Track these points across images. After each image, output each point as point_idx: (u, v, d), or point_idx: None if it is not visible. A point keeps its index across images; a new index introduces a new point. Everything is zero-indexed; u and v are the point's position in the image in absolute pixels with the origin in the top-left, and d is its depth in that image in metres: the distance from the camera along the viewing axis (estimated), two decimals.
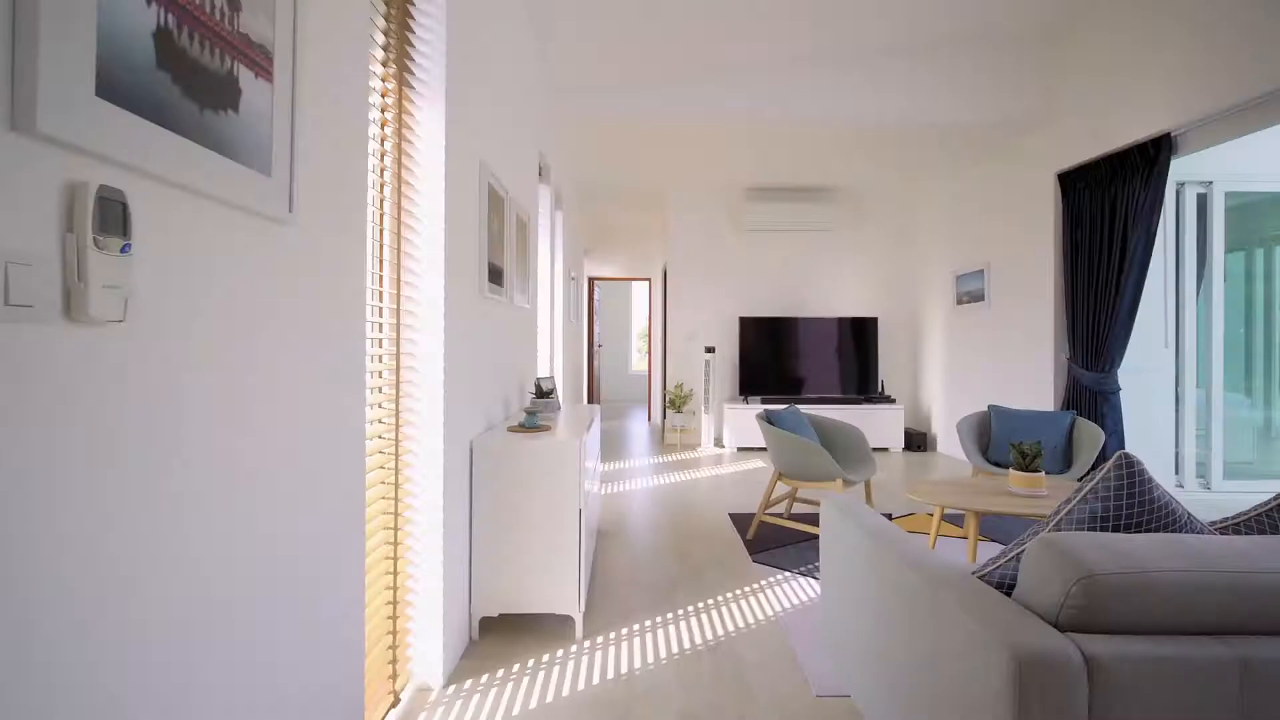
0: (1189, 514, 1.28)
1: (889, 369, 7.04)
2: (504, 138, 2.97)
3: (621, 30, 4.01)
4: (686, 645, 2.33)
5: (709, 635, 2.41)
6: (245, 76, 0.96)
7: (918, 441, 6.53)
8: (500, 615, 2.51)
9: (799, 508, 4.14)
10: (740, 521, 3.87)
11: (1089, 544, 1.09)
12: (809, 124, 4.90)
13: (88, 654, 0.72)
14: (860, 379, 6.72)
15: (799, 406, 6.06)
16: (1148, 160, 3.94)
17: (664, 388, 7.24)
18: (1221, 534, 1.34)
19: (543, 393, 2.99)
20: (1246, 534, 1.34)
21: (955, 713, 1.13)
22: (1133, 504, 1.23)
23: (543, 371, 4.47)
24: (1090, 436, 3.49)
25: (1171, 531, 1.25)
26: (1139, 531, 1.24)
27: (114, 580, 0.76)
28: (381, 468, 1.84)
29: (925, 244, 6.87)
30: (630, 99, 4.69)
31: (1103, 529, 1.25)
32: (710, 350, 6.58)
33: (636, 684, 2.07)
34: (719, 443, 6.73)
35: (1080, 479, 4.29)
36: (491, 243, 2.67)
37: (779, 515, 3.89)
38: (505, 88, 2.98)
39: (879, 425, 6.44)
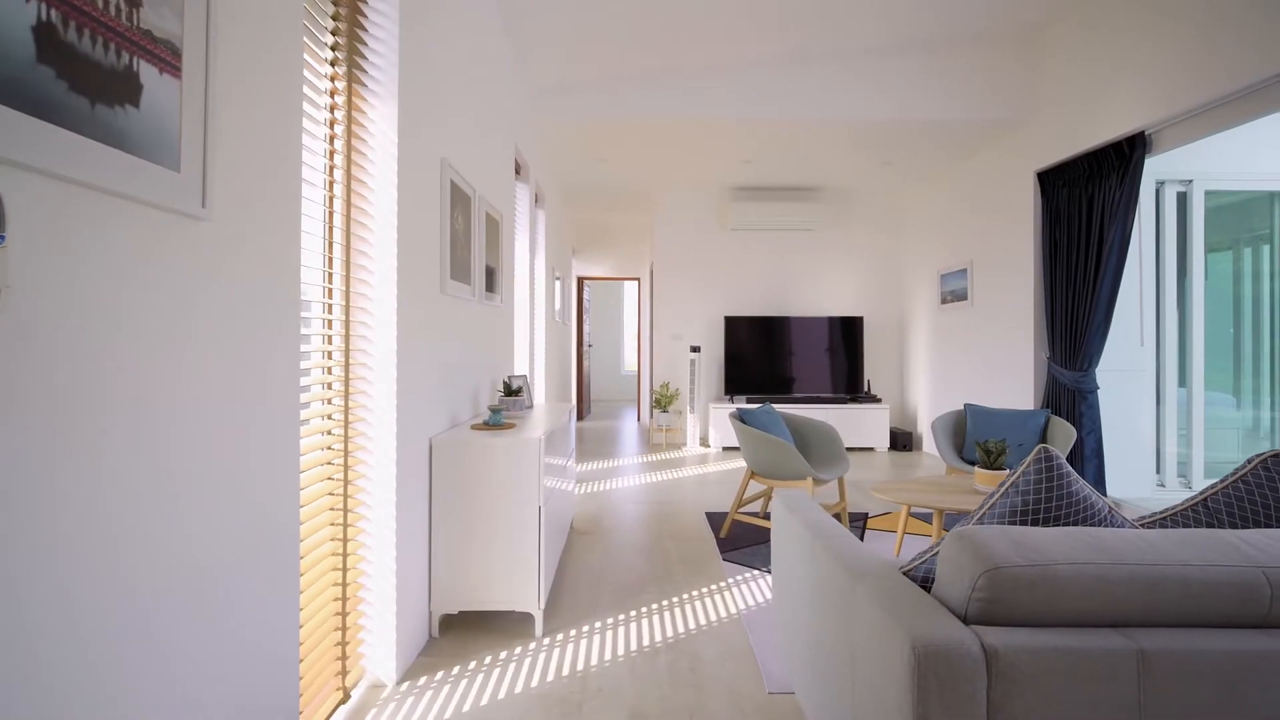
0: (1110, 508, 1.28)
1: (875, 368, 7.04)
2: (472, 136, 2.98)
3: (600, 30, 4.01)
4: (646, 643, 2.34)
5: (669, 633, 2.42)
6: (148, 72, 0.96)
7: (903, 441, 6.54)
8: (460, 612, 2.52)
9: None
10: (716, 520, 3.87)
11: (999, 537, 1.09)
12: (793, 123, 4.90)
13: None
14: (846, 378, 6.72)
15: (774, 405, 6.08)
16: (1123, 158, 3.94)
17: (651, 387, 7.24)
18: (1147, 528, 1.35)
19: (511, 391, 3.00)
20: (1171, 528, 1.34)
21: (871, 706, 1.13)
22: (1051, 498, 1.24)
23: (521, 370, 4.48)
24: (1063, 435, 3.50)
25: (1090, 525, 1.25)
26: (1058, 525, 1.25)
27: None
28: (329, 464, 1.85)
29: (911, 243, 6.87)
30: (612, 99, 4.69)
31: (1023, 523, 1.26)
32: (696, 350, 6.59)
33: (591, 681, 2.07)
34: (704, 442, 6.74)
35: None
36: (456, 240, 2.68)
37: (754, 514, 3.89)
38: (473, 86, 2.99)
39: (864, 425, 6.44)
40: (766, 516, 3.72)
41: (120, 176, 0.91)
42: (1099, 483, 4.21)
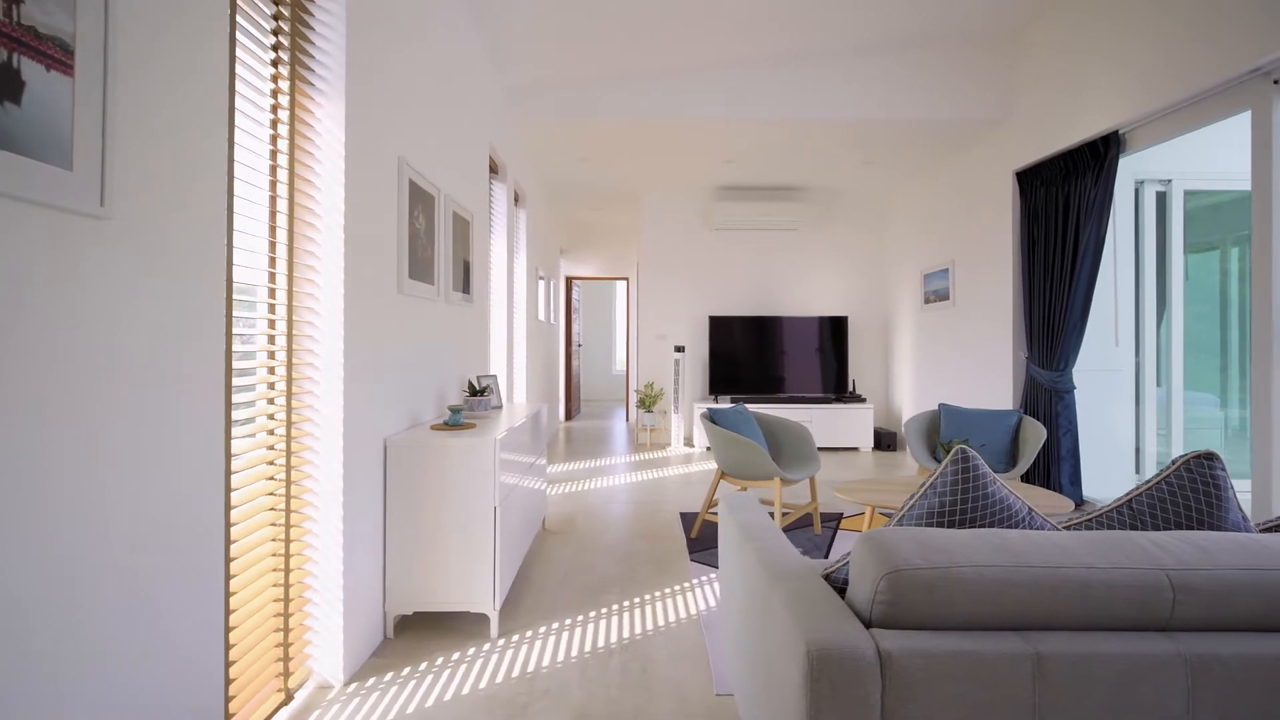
0: (1030, 509, 1.27)
1: (861, 368, 7.03)
2: (438, 135, 2.97)
3: (576, 30, 4.00)
4: (601, 644, 2.33)
5: (626, 634, 2.41)
6: (31, 69, 0.95)
7: (887, 441, 6.53)
8: (417, 613, 2.51)
9: None
10: (690, 521, 3.87)
11: (905, 540, 1.08)
12: (773, 123, 4.88)
13: None
14: (831, 378, 6.71)
15: (754, 406, 6.07)
16: (1097, 157, 3.93)
17: (636, 387, 7.23)
18: (1074, 530, 1.34)
19: (476, 391, 2.99)
20: (1095, 529, 1.33)
21: (778, 708, 1.12)
22: (967, 499, 1.23)
23: (498, 369, 4.47)
24: (1034, 435, 3.49)
25: (1008, 526, 1.24)
26: (974, 526, 1.24)
27: None
28: (271, 464, 1.84)
29: (895, 243, 6.86)
30: (590, 99, 4.68)
31: (940, 524, 1.25)
32: (680, 350, 6.58)
33: (539, 683, 2.06)
34: (689, 442, 6.73)
35: (1022, 477, 4.29)
36: (416, 240, 2.67)
37: None
38: (440, 86, 2.98)
39: (849, 425, 6.43)
40: None
41: None
42: (1075, 483, 4.20)
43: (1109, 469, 4.60)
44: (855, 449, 6.51)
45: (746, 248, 6.99)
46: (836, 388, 6.71)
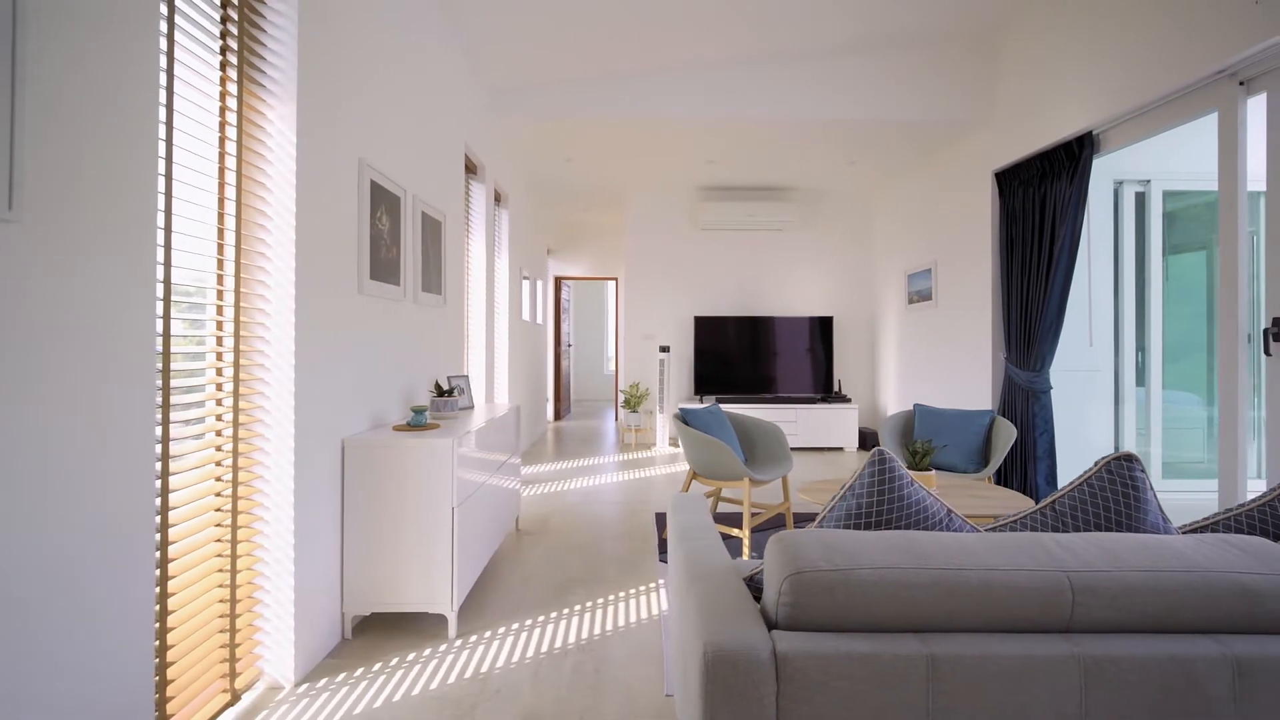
0: (949, 511, 1.27)
1: (847, 368, 7.03)
2: (405, 136, 2.97)
3: (554, 29, 3.99)
4: (558, 645, 2.33)
5: (585, 635, 2.41)
6: None
7: (873, 441, 6.53)
8: (376, 614, 2.51)
9: (724, 506, 4.14)
10: (664, 521, 3.87)
11: (812, 541, 1.09)
12: (754, 123, 4.88)
13: None
14: (816, 378, 6.71)
15: (734, 405, 6.08)
16: (1072, 158, 3.93)
17: (622, 387, 7.22)
18: (997, 532, 1.34)
19: (443, 391, 2.99)
20: (1019, 530, 1.34)
21: (684, 707, 1.12)
22: (883, 501, 1.23)
23: (476, 370, 4.47)
24: (1005, 435, 3.49)
25: (924, 528, 1.24)
26: (891, 527, 1.24)
27: None
28: (218, 464, 1.84)
29: (880, 243, 6.86)
30: (570, 98, 4.67)
31: (857, 525, 1.25)
32: (665, 350, 6.58)
33: (491, 683, 2.07)
34: (674, 442, 6.73)
35: (997, 475, 4.29)
36: (379, 240, 2.67)
37: None
38: (407, 86, 2.98)
39: (834, 425, 6.43)
40: (715, 518, 3.71)
41: None
42: (1050, 482, 4.21)
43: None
44: (840, 449, 6.51)
45: (733, 248, 6.99)
46: (822, 388, 6.71)
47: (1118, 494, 1.27)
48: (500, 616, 2.57)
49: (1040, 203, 4.22)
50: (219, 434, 1.86)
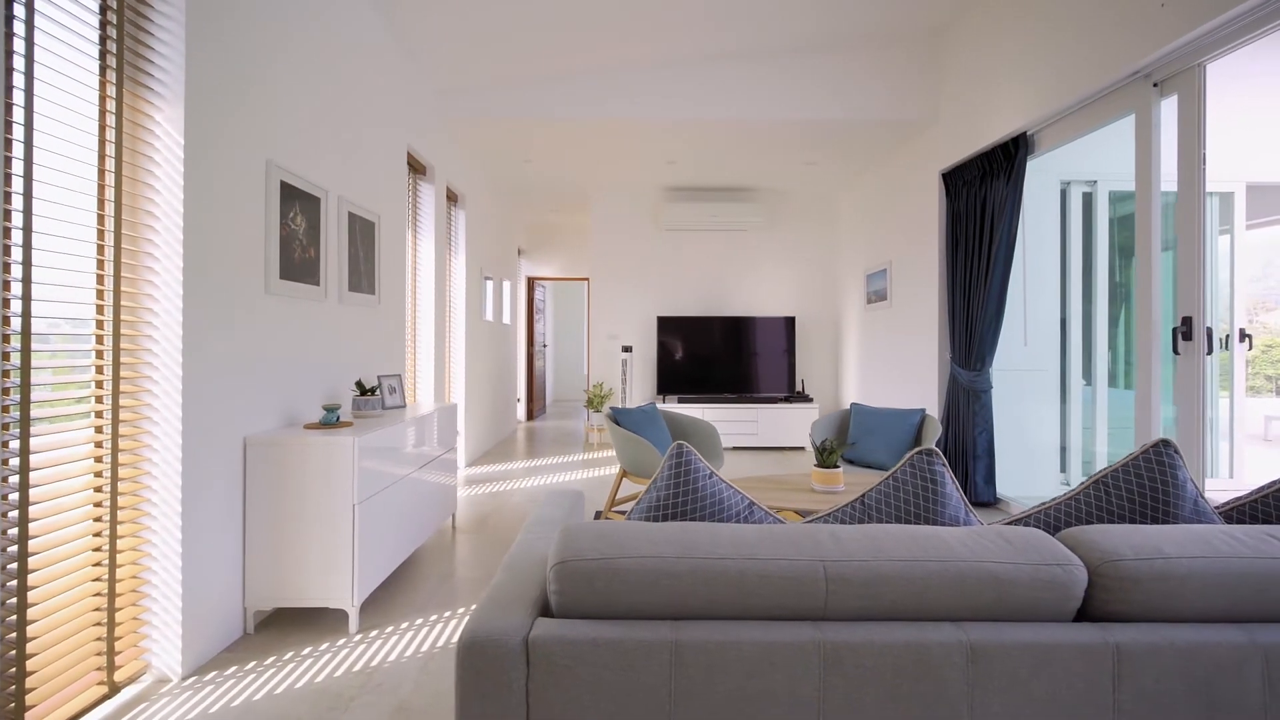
0: (750, 504, 1.31)
1: (810, 368, 7.06)
2: (330, 136, 3.00)
3: (498, 31, 4.01)
4: (455, 640, 2.36)
5: None
6: None
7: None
8: (281, 609, 2.54)
9: None
10: (598, 518, 3.90)
11: (588, 532, 1.12)
12: (708, 123, 4.91)
13: None
14: (781, 378, 6.74)
15: (678, 406, 6.10)
16: (1009, 158, 3.97)
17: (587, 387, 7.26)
18: (812, 525, 1.37)
19: (365, 390, 3.02)
20: (835, 524, 1.37)
21: None
22: (680, 493, 1.26)
23: (423, 369, 4.50)
24: (931, 432, 3.52)
25: (720, 520, 1.28)
26: (689, 519, 1.27)
27: None
28: (96, 459, 1.88)
29: (842, 244, 6.89)
30: (518, 100, 4.70)
31: (658, 517, 1.28)
32: (628, 350, 6.61)
33: (377, 677, 2.10)
34: None
35: None
36: (292, 240, 2.70)
37: (625, 514, 3.92)
38: (335, 88, 3.01)
39: (793, 424, 6.46)
40: None
41: None
42: (989, 481, 4.24)
43: (1035, 468, 4.63)
44: (801, 449, 6.54)
45: (697, 248, 7.03)
46: (785, 387, 6.74)
47: (919, 486, 1.30)
48: (408, 612, 2.60)
49: (981, 203, 4.25)
50: (99, 430, 1.89)
